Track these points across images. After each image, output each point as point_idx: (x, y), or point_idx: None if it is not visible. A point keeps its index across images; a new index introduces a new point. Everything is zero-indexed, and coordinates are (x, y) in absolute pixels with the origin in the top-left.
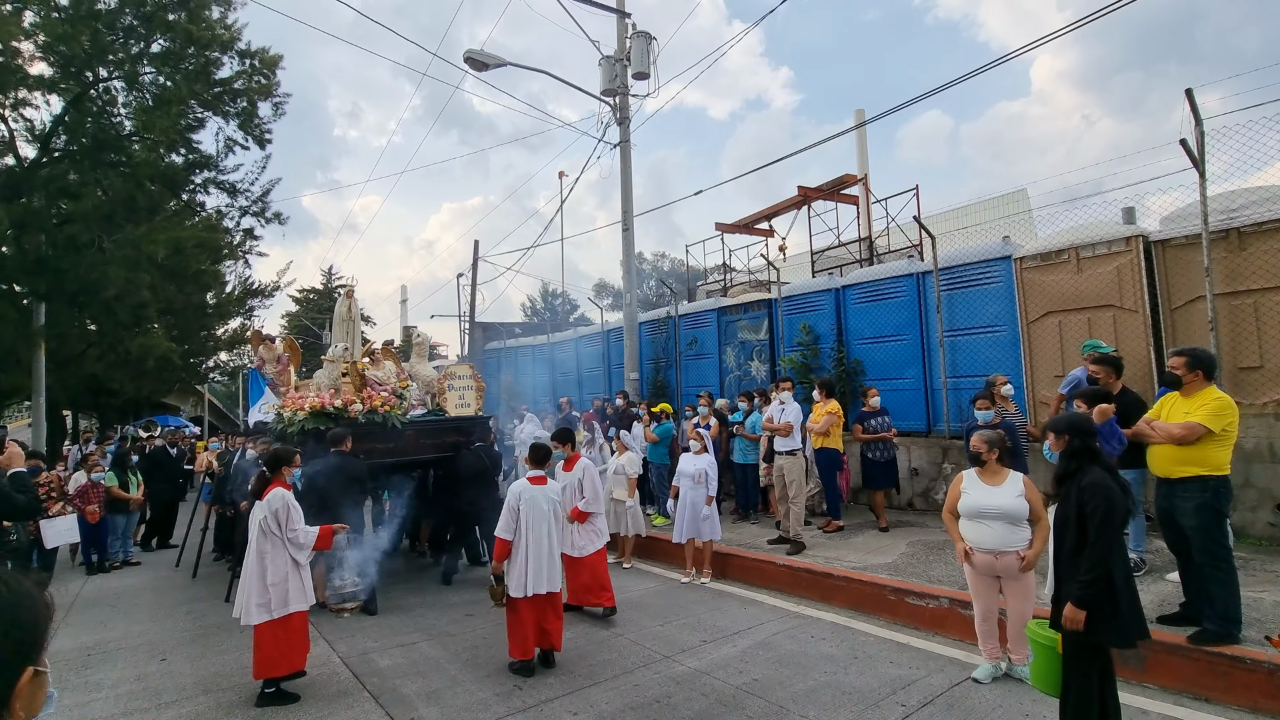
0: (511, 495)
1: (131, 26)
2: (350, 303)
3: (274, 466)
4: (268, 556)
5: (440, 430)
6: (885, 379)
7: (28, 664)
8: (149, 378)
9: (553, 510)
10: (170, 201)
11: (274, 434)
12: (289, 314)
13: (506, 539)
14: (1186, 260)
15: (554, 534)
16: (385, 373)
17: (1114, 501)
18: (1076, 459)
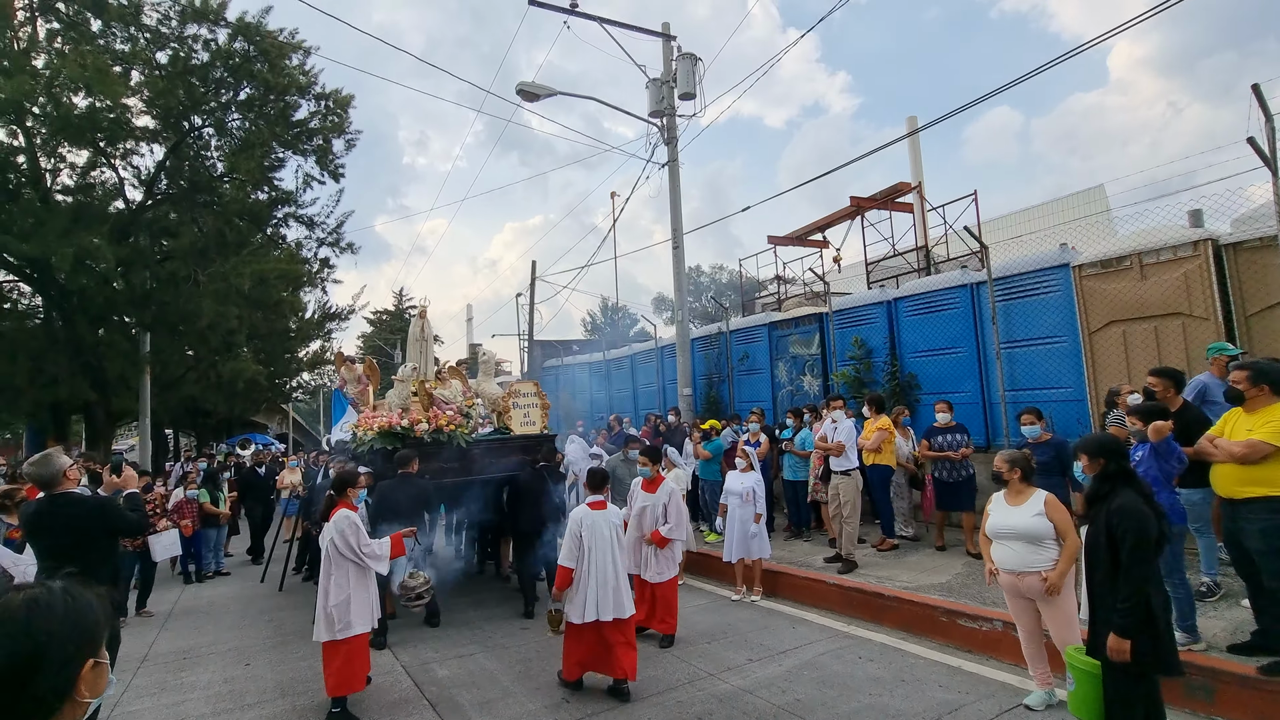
0: (573, 522)
1: (221, 78)
2: (423, 323)
3: (340, 489)
4: (332, 578)
5: (505, 449)
6: (941, 393)
7: (90, 657)
8: (239, 398)
9: (614, 535)
10: (255, 236)
11: (347, 453)
12: (364, 335)
13: (569, 567)
14: (1262, 264)
15: (618, 559)
16: (452, 391)
17: (1145, 525)
18: (1109, 481)
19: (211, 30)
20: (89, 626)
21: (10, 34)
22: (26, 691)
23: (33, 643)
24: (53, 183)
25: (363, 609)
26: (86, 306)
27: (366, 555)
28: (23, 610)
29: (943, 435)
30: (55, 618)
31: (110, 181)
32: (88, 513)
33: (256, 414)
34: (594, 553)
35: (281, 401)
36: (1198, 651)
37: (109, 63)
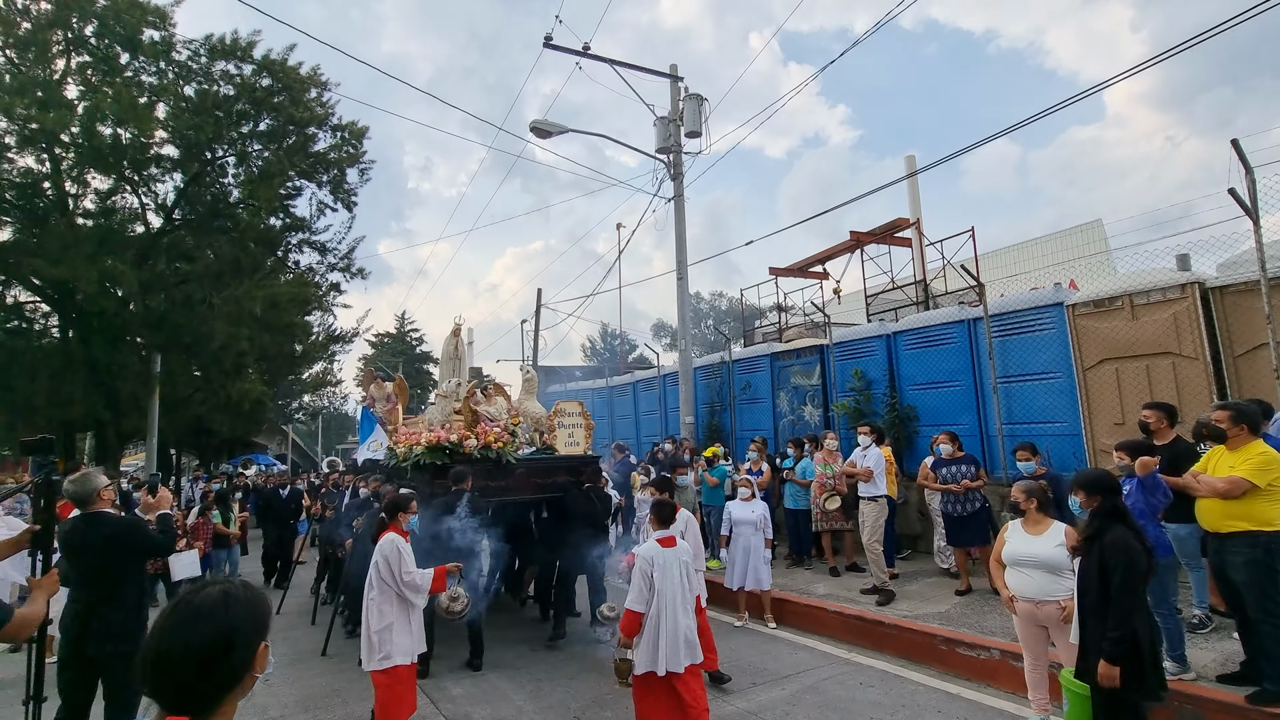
0: (643, 561)
1: (244, 110)
2: (457, 340)
3: (392, 512)
4: (374, 604)
5: (551, 469)
6: (939, 425)
7: (263, 640)
8: (243, 419)
9: (684, 574)
10: (268, 261)
11: (386, 471)
12: (364, 357)
13: (639, 611)
14: (1247, 307)
15: (689, 602)
16: (497, 409)
17: (1135, 559)
18: (1105, 519)
19: (238, 66)
20: (263, 615)
21: (46, 68)
22: (224, 663)
23: (229, 626)
24: (75, 206)
25: (403, 639)
26: (104, 327)
27: (406, 585)
28: (221, 601)
29: (949, 467)
30: (242, 606)
31: (131, 207)
32: (116, 532)
33: (258, 434)
34: (664, 596)
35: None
36: (1188, 680)
37: (136, 95)
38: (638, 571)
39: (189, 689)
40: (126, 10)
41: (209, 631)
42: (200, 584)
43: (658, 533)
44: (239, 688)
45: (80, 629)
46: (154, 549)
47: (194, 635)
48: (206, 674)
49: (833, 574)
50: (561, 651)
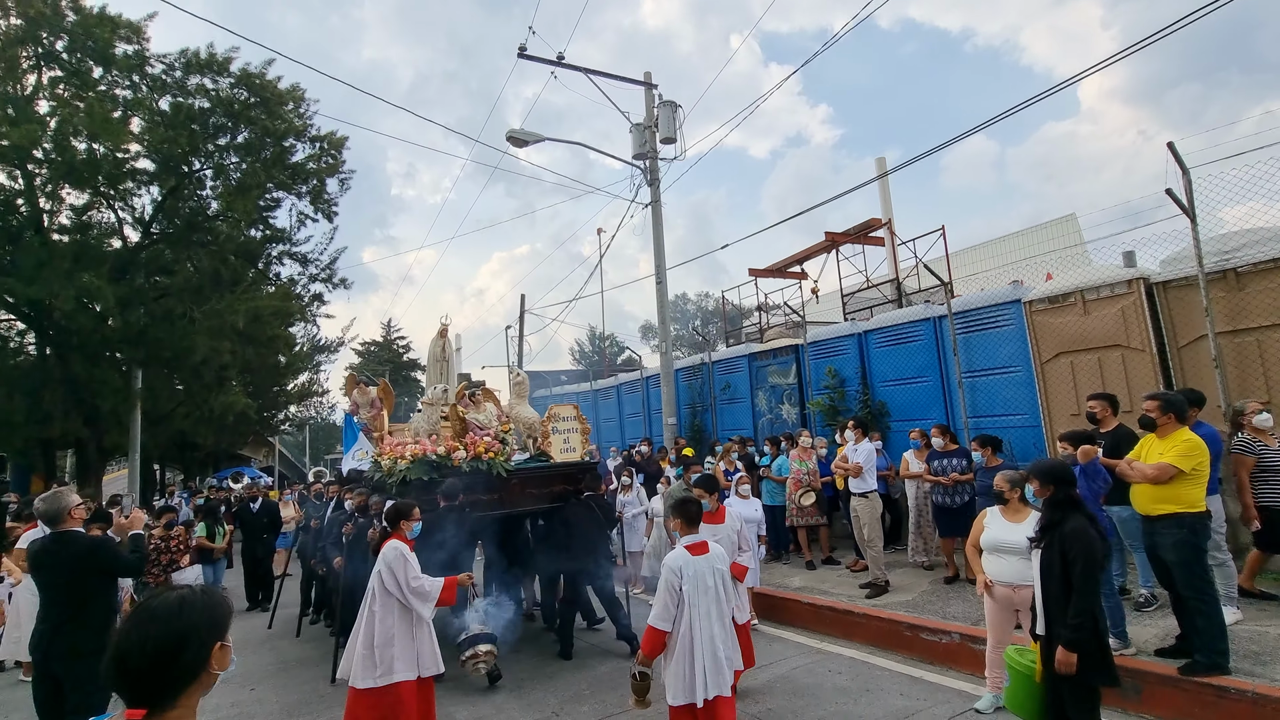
0: (670, 572)
1: (221, 123)
2: (444, 342)
3: (393, 521)
4: (377, 615)
5: (547, 478)
6: (910, 420)
7: (219, 640)
8: (227, 432)
9: (720, 585)
10: (249, 273)
11: (371, 484)
12: (351, 366)
13: (663, 629)
14: (1188, 300)
15: (725, 617)
16: (486, 416)
17: (1093, 548)
18: (1060, 509)
19: (214, 80)
20: (219, 618)
21: (15, 83)
22: (177, 661)
23: (182, 628)
24: (50, 223)
25: (407, 652)
26: (83, 344)
27: (413, 592)
28: (176, 605)
29: (941, 460)
30: (196, 610)
31: (107, 221)
32: (81, 552)
33: (243, 447)
34: (696, 610)
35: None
36: (1128, 655)
37: (109, 110)
38: (663, 584)
39: (146, 685)
40: (97, 25)
41: (162, 632)
42: (159, 590)
43: (686, 538)
44: (196, 684)
45: (46, 647)
46: (120, 569)
47: (149, 636)
48: (161, 671)
49: (809, 567)
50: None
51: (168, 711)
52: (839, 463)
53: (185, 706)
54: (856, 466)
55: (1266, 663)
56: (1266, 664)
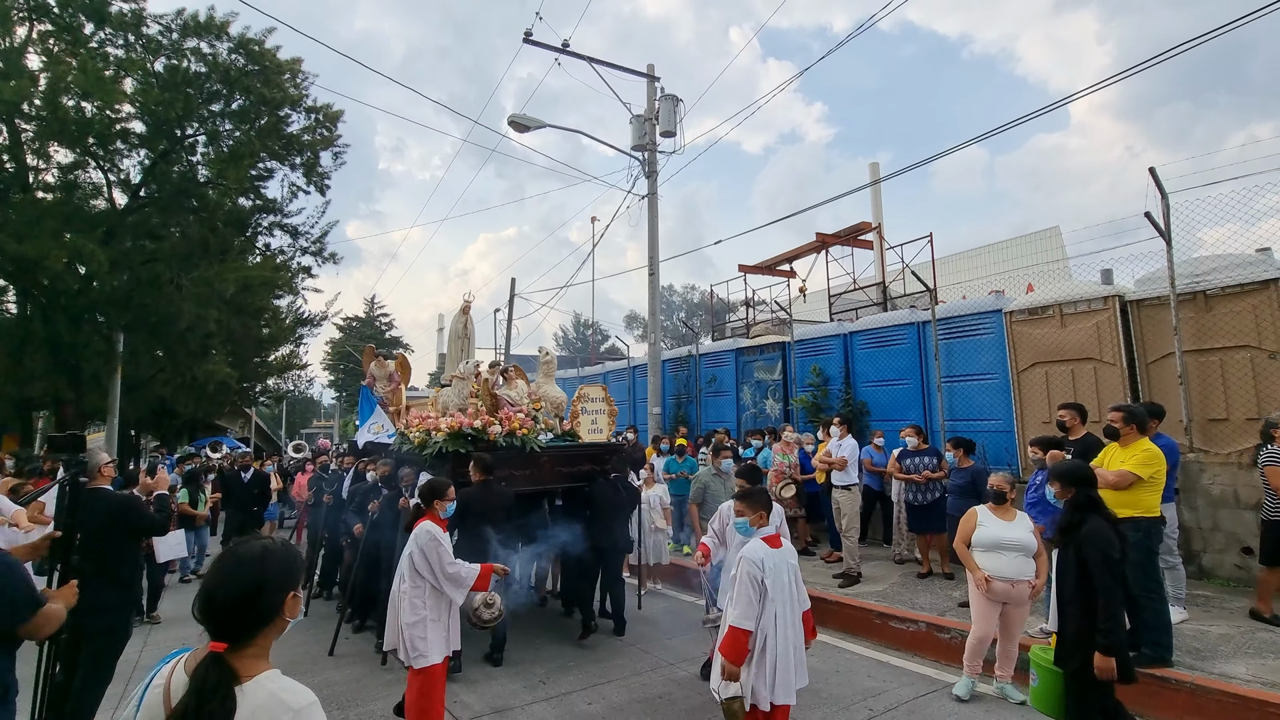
0: (751, 565)
1: (216, 89)
2: (466, 319)
3: (428, 499)
4: (407, 597)
5: (576, 457)
6: (889, 420)
7: (292, 590)
8: (207, 400)
9: (794, 583)
10: (237, 241)
11: (396, 456)
12: (332, 341)
13: (748, 629)
14: (1159, 319)
15: (799, 619)
16: (518, 393)
17: (1110, 549)
18: (1081, 510)
19: (211, 44)
20: (294, 569)
21: (6, 36)
22: (254, 605)
23: (261, 574)
24: (35, 180)
25: (438, 636)
26: (68, 306)
27: (448, 579)
28: (259, 554)
29: (912, 458)
30: (275, 560)
31: (95, 182)
32: (110, 509)
33: (220, 417)
34: (775, 608)
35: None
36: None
37: (102, 68)
38: (745, 579)
39: (228, 623)
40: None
41: (246, 577)
42: (247, 538)
43: (763, 529)
44: (271, 627)
45: None
46: (150, 528)
47: (233, 580)
48: (242, 611)
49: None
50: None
51: (245, 648)
52: (823, 457)
53: (260, 646)
54: (841, 460)
55: (1206, 658)
56: (1206, 659)
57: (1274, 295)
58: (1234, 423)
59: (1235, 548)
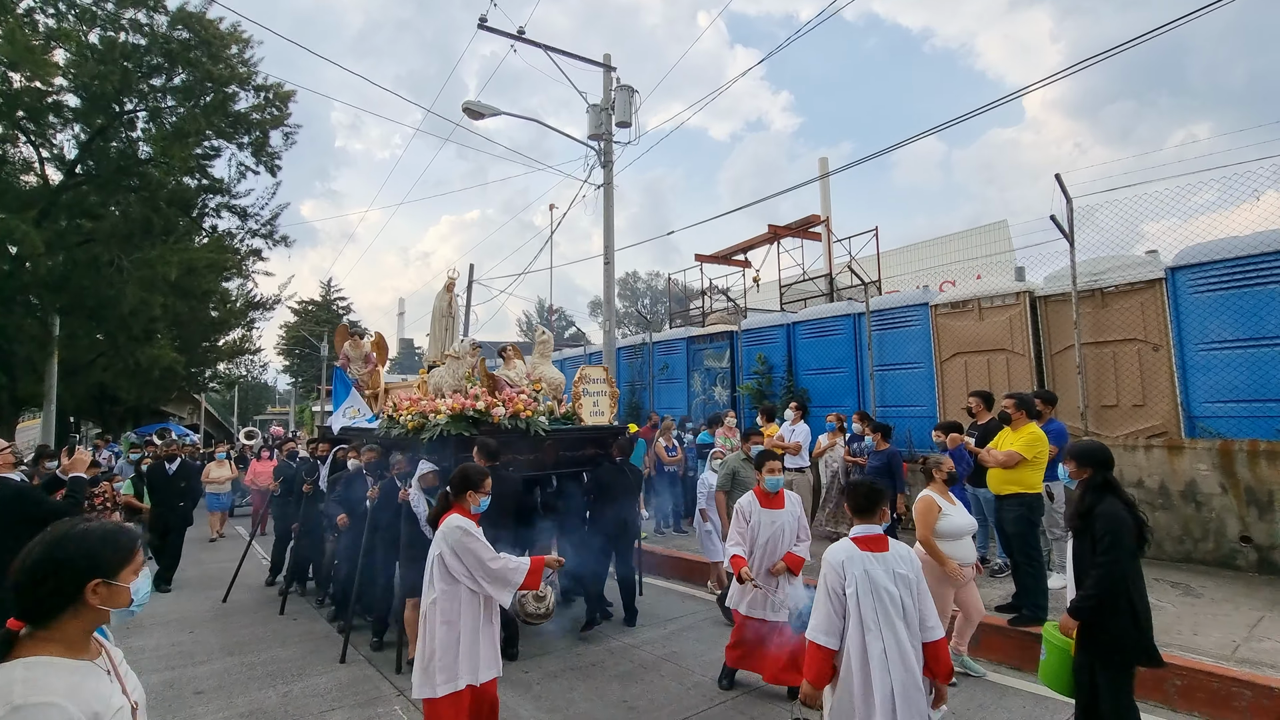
0: (831, 570)
1: (157, 64)
2: (450, 297)
3: (460, 489)
4: (437, 606)
5: (580, 440)
6: (828, 406)
7: (96, 578)
8: (151, 386)
9: (908, 595)
10: (185, 224)
11: (384, 441)
12: (287, 324)
13: (830, 647)
14: (1063, 314)
15: (915, 641)
16: (517, 373)
17: (1121, 529)
18: (1098, 492)
19: (149, 15)
20: (100, 558)
21: None
22: (44, 586)
23: (53, 557)
24: None
25: (472, 652)
26: (1, 288)
27: (493, 578)
28: (58, 536)
29: (860, 442)
30: (74, 544)
31: (24, 158)
32: (5, 499)
33: (167, 403)
34: (873, 624)
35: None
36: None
37: (30, 37)
38: (823, 586)
39: (21, 600)
40: None
41: (38, 557)
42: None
43: (859, 528)
44: (71, 614)
45: None
46: (44, 515)
47: (28, 557)
48: (29, 591)
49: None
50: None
51: (41, 630)
52: (776, 441)
53: (61, 631)
54: (796, 445)
55: None
56: None
57: (1159, 293)
58: (1123, 409)
59: None
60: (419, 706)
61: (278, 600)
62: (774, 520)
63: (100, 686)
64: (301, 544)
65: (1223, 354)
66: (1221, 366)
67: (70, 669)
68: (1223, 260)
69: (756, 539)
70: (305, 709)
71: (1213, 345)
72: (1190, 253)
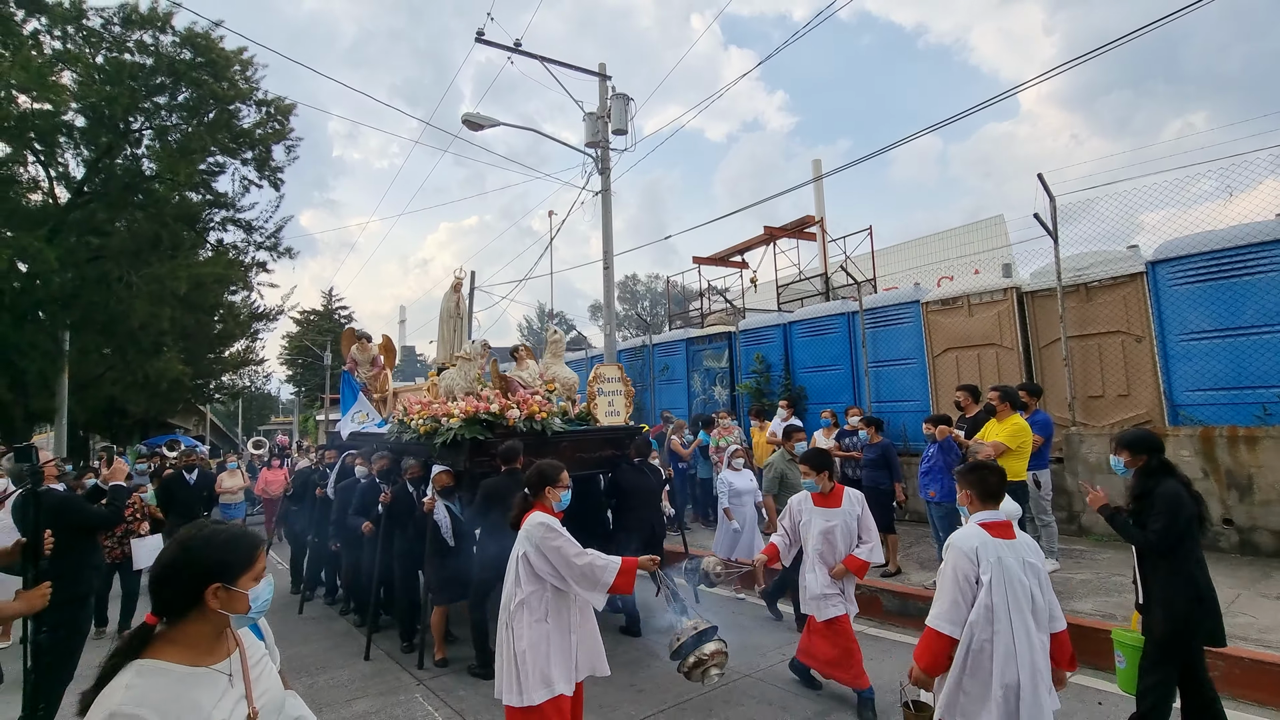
0: (960, 556)
1: (161, 83)
2: (459, 297)
3: (538, 486)
4: (524, 610)
5: (596, 442)
6: (824, 403)
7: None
8: (159, 399)
9: (1038, 586)
10: (191, 238)
11: (395, 446)
12: (289, 335)
13: (949, 634)
14: (1049, 308)
15: (1044, 634)
16: (529, 374)
17: (1177, 506)
18: (1154, 476)
19: (155, 37)
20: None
21: None
22: (169, 586)
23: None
24: None
25: (566, 656)
26: (12, 304)
27: (582, 576)
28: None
29: (850, 437)
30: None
31: (34, 178)
32: (49, 508)
33: (174, 415)
34: (1004, 613)
35: (200, 403)
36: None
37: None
38: (951, 571)
39: (155, 599)
40: None
41: (164, 560)
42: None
43: (983, 513)
44: (196, 614)
45: None
46: (85, 522)
47: (162, 558)
48: (158, 590)
49: None
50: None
51: (170, 630)
52: (770, 437)
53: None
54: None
55: (1065, 599)
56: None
57: (1140, 287)
58: (1108, 399)
59: None
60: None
61: (295, 602)
62: (828, 519)
63: (203, 697)
64: (320, 553)
65: (1202, 344)
66: (1201, 356)
67: (179, 677)
68: (1200, 254)
69: (808, 538)
70: (331, 698)
71: (1192, 336)
72: (1169, 246)
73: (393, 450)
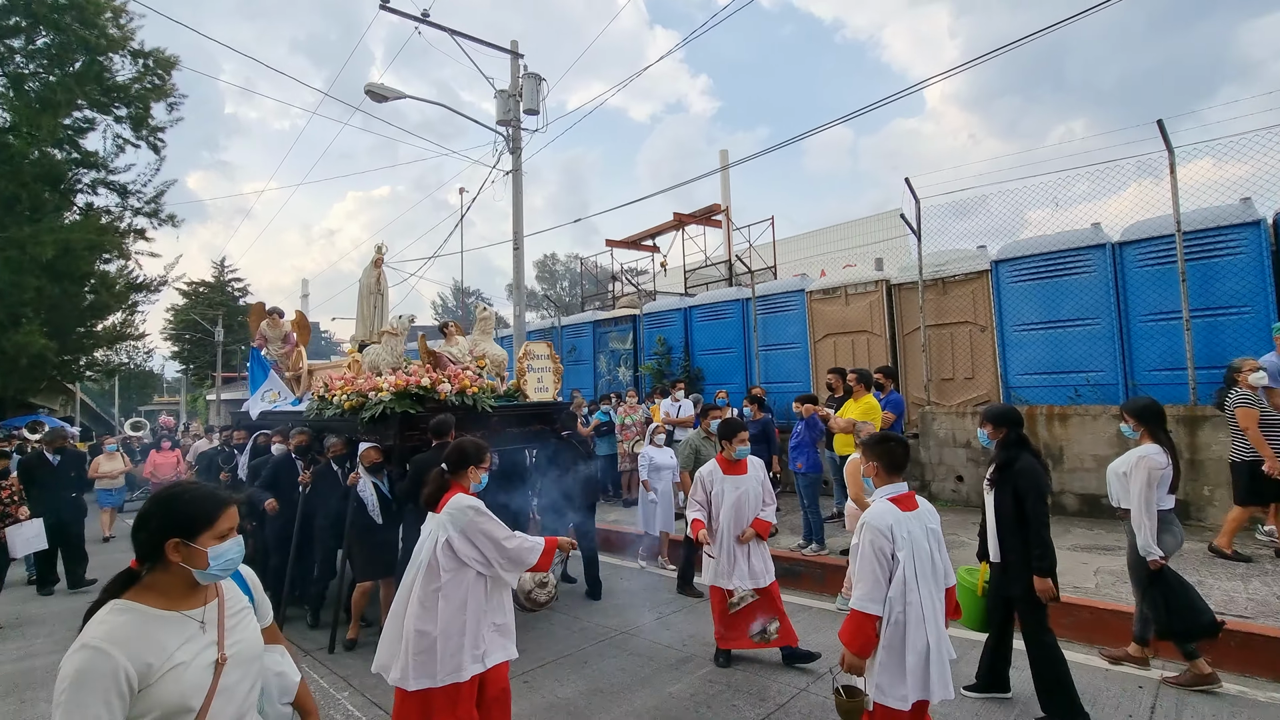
0: (876, 534)
1: (15, 24)
2: (379, 272)
3: (459, 466)
4: (440, 593)
5: (526, 417)
6: (720, 383)
7: (174, 537)
8: (18, 376)
9: (937, 551)
10: (55, 200)
11: (313, 424)
12: (174, 308)
13: (873, 613)
14: (913, 300)
15: (942, 594)
16: (460, 350)
17: (1041, 483)
18: (1013, 449)
19: None
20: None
21: None
22: (136, 537)
23: (145, 511)
24: None
25: (477, 637)
26: None
27: (508, 558)
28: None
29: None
30: (161, 503)
31: None
32: None
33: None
34: (919, 584)
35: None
36: (826, 555)
37: None
38: (869, 550)
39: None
40: None
41: (141, 511)
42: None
43: (888, 487)
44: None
45: None
46: None
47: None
48: (134, 537)
49: (625, 505)
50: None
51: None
52: (666, 417)
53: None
54: (689, 418)
55: None
56: None
57: (985, 283)
58: (957, 381)
59: (952, 476)
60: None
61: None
62: (738, 486)
63: (169, 639)
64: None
65: (1031, 334)
66: (1030, 344)
67: (148, 618)
68: (1032, 255)
69: (721, 506)
70: None
71: (1024, 326)
72: (1009, 248)
73: (313, 428)
